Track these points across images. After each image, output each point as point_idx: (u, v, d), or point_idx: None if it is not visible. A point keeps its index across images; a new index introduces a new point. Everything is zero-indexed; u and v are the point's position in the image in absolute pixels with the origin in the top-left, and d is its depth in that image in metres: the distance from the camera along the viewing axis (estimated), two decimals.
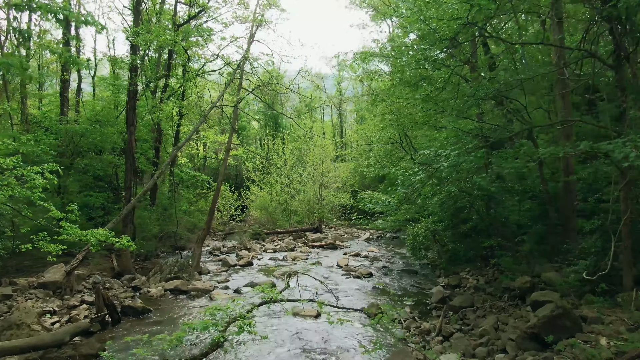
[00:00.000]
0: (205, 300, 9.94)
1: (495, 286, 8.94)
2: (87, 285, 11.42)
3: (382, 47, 11.86)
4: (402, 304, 9.80)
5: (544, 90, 9.07)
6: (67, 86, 16.44)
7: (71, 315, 8.29)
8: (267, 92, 18.09)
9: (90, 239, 6.75)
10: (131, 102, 14.36)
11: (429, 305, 9.50)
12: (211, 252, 18.99)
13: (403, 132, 13.28)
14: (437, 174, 6.08)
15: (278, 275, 12.75)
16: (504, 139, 6.97)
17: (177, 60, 19.71)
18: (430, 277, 12.57)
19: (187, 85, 20.21)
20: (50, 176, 6.00)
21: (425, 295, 10.47)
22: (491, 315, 7.35)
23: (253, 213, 28.74)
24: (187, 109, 23.40)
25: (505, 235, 10.09)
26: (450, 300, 9.27)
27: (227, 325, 4.67)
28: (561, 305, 5.53)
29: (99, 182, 18.14)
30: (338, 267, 14.52)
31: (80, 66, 6.88)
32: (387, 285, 11.73)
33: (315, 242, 20.71)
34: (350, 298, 10.18)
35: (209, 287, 10.79)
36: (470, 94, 6.84)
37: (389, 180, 28.46)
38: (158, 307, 9.40)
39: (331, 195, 26.76)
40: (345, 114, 48.53)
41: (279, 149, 31.34)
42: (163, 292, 10.34)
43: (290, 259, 16.34)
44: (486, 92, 6.57)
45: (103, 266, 14.18)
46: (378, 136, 17.02)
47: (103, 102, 18.54)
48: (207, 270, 13.77)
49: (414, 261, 15.87)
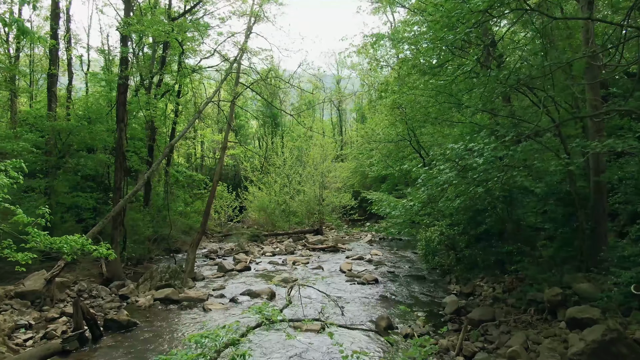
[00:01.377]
0: (197, 311, 9.10)
1: (516, 297, 8.11)
2: (71, 293, 10.57)
3: (396, 30, 10.96)
4: (412, 315, 8.98)
5: (570, 80, 8.25)
6: (54, 81, 15.52)
7: (47, 331, 7.43)
8: (266, 88, 17.24)
9: (63, 247, 5.91)
10: (121, 97, 13.50)
11: (443, 317, 8.67)
12: (207, 255, 18.16)
13: (412, 129, 12.41)
14: (469, 172, 5.24)
15: (277, 282, 11.92)
16: (539, 131, 6.13)
17: (173, 56, 18.93)
18: (441, 284, 11.75)
19: (183, 81, 19.43)
20: (14, 174, 5.17)
21: (437, 305, 9.64)
22: (518, 332, 6.52)
23: (251, 214, 27.92)
24: (183, 106, 22.60)
25: (525, 239, 9.28)
26: (467, 311, 8.44)
27: (216, 356, 3.87)
28: (614, 329, 4.71)
29: (91, 182, 17.31)
30: (341, 272, 13.70)
31: (31, 38, 5.97)
32: (395, 293, 10.90)
33: (316, 244, 19.87)
34: (356, 309, 9.35)
35: (202, 295, 9.95)
36: (499, 79, 6.00)
37: (391, 180, 27.74)
38: (146, 319, 8.55)
39: (332, 196, 25.94)
40: (345, 113, 47.85)
41: (277, 148, 30.55)
42: (152, 302, 9.50)
43: (290, 263, 15.50)
44: (515, 79, 5.73)
45: (91, 272, 13.33)
46: (382, 134, 16.14)
47: (93, 98, 17.64)
48: (201, 276, 12.92)
49: (420, 265, 15.07)
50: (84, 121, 15.03)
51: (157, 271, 11.04)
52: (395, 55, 12.31)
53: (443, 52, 7.35)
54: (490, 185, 5.59)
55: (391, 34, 10.05)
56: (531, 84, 6.93)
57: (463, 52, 7.19)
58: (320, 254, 18.10)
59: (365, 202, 27.05)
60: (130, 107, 16.76)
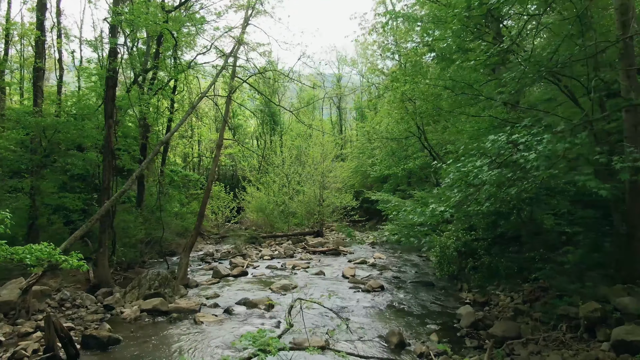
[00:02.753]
0: (188, 325, 8.26)
1: (542, 309, 7.29)
2: (52, 303, 9.71)
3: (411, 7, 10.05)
4: (425, 328, 8.17)
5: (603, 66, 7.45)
6: (40, 75, 14.67)
7: (16, 349, 6.58)
8: (264, 84, 16.41)
9: (25, 257, 5.08)
10: (110, 91, 12.66)
11: (458, 331, 7.85)
12: (203, 258, 17.34)
13: (421, 124, 11.54)
14: (517, 168, 4.41)
15: (276, 289, 11.12)
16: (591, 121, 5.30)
17: (167, 51, 18.11)
18: (451, 291, 10.94)
19: (178, 77, 18.59)
20: None
21: (450, 316, 8.82)
22: (551, 353, 5.70)
23: (249, 215, 27.10)
24: (179, 103, 21.78)
25: (545, 244, 8.48)
26: (486, 325, 7.63)
27: None
28: None
29: (80, 182, 16.49)
30: (344, 277, 12.89)
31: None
32: (403, 302, 10.09)
33: (316, 247, 19.04)
34: (362, 321, 8.53)
35: (194, 306, 9.12)
36: (537, 61, 5.18)
37: (394, 180, 26.93)
38: (130, 334, 7.71)
39: (332, 197, 25.11)
40: (345, 112, 47.15)
41: (276, 147, 29.75)
42: (139, 314, 8.65)
43: (290, 267, 14.68)
44: (555, 62, 4.90)
45: (77, 277, 12.48)
46: (387, 131, 15.28)
47: (82, 93, 16.80)
48: (195, 282, 12.08)
49: (427, 270, 14.27)
50: (71, 117, 14.17)
51: (146, 278, 10.19)
52: (407, 41, 11.49)
53: (467, 32, 6.54)
54: (559, 182, 4.80)
55: (406, 13, 9.24)
56: (562, 72, 6.13)
57: (487, 33, 6.39)
58: (321, 257, 17.29)
59: (367, 202, 26.34)
60: (121, 103, 15.95)
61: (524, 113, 7.23)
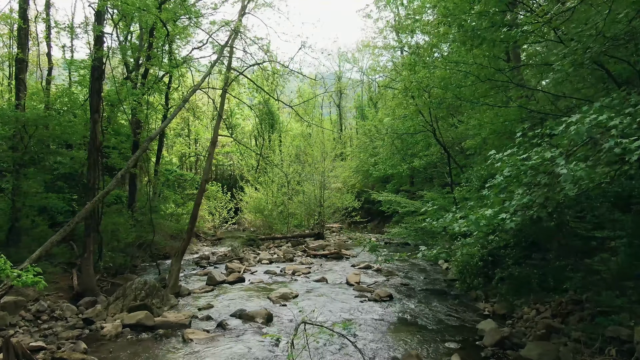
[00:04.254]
0: (175, 343, 7.30)
1: (583, 328, 6.35)
2: (27, 315, 8.76)
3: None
4: (443, 346, 7.24)
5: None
6: (23, 68, 13.68)
7: None
8: (262, 77, 15.46)
9: None
10: (96, 83, 11.71)
11: (482, 350, 6.90)
12: (197, 262, 16.40)
13: (435, 117, 10.57)
14: (613, 160, 3.49)
15: (275, 299, 10.17)
16: None
17: (163, 45, 17.18)
18: (466, 301, 10.01)
19: (173, 72, 17.66)
20: None
21: (470, 331, 7.88)
22: None
23: (247, 216, 26.19)
24: (174, 100, 20.83)
25: (576, 251, 7.57)
26: (515, 344, 6.70)
27: None
28: None
29: (66, 181, 15.52)
30: (348, 285, 11.96)
31: None
32: (415, 313, 9.15)
33: (317, 250, 18.12)
34: (372, 337, 7.59)
35: (183, 319, 8.16)
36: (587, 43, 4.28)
37: (397, 180, 26.02)
38: (108, 355, 6.75)
39: (333, 197, 24.19)
40: (345, 111, 46.39)
41: (275, 145, 28.86)
42: (121, 330, 7.69)
43: (289, 273, 13.74)
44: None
45: (60, 284, 11.55)
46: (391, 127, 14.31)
47: (65, 87, 15.83)
48: (187, 290, 11.13)
49: (437, 276, 13.37)
50: (53, 112, 13.20)
51: (132, 288, 9.24)
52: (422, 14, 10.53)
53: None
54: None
55: None
56: (610, 53, 5.21)
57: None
58: (323, 261, 16.36)
59: (368, 203, 25.43)
60: (110, 98, 15.01)
61: (558, 101, 6.30)
